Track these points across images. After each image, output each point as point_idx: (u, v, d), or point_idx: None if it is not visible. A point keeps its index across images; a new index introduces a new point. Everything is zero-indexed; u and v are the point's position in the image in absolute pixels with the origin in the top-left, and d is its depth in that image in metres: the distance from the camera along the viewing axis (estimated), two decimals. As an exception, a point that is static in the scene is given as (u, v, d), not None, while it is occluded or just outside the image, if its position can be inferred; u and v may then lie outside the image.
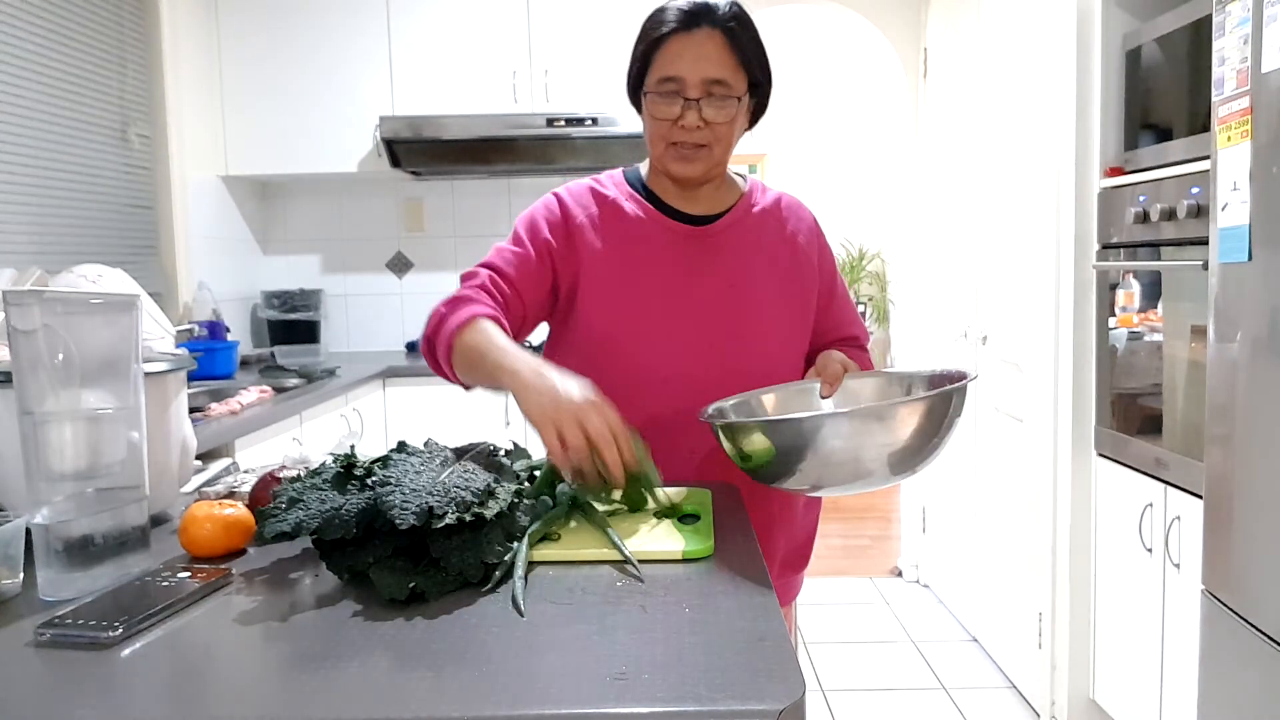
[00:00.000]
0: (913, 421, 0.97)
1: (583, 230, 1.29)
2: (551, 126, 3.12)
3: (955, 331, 3.10)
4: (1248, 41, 1.46)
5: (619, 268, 1.27)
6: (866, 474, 0.98)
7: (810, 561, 1.45)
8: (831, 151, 5.91)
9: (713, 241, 1.31)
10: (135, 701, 0.61)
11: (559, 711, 0.58)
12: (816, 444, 0.96)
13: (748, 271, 1.30)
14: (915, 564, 3.60)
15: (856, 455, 0.97)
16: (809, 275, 1.35)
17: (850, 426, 0.97)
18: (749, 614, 0.74)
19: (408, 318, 3.68)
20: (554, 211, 1.31)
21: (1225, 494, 1.56)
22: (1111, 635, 2.19)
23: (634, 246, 1.29)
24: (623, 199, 1.32)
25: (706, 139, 1.23)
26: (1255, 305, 1.47)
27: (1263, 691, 1.46)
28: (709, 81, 1.20)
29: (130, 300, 0.87)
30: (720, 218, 1.32)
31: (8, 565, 0.81)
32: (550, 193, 1.34)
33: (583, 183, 1.35)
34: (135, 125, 2.82)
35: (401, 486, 0.81)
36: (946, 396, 1.00)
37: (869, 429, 0.97)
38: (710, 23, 1.20)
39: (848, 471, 0.98)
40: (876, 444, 0.97)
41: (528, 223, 1.31)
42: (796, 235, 1.36)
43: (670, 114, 1.22)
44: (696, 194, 1.33)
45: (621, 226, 1.30)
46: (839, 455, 0.96)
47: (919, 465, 1.01)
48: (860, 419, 0.99)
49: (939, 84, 3.29)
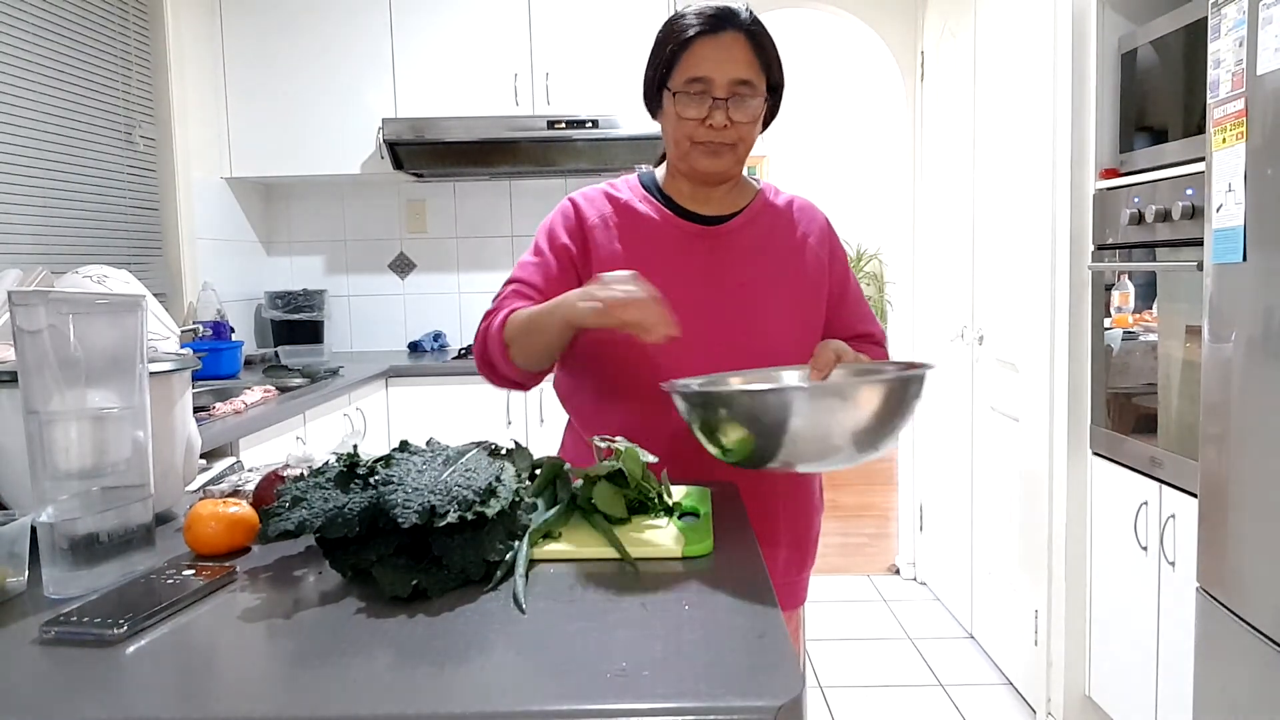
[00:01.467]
0: (873, 400, 0.97)
1: (595, 230, 1.32)
2: (552, 129, 3.13)
3: (952, 331, 3.11)
4: (1243, 44, 1.47)
5: (630, 267, 1.29)
6: (831, 452, 0.98)
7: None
8: (830, 153, 5.91)
9: (725, 241, 1.33)
10: (141, 698, 0.62)
11: (560, 708, 0.59)
12: (767, 416, 0.97)
13: (759, 272, 1.32)
14: (912, 562, 3.61)
15: (810, 431, 0.96)
16: (820, 276, 1.37)
17: (799, 401, 0.97)
18: (748, 611, 0.75)
19: (410, 318, 3.68)
20: (569, 216, 1.35)
21: (1219, 492, 1.57)
22: (1107, 633, 2.20)
23: (646, 246, 1.31)
24: (636, 200, 1.35)
25: (731, 138, 1.27)
26: (1249, 306, 1.48)
27: (1257, 687, 1.47)
28: (735, 82, 1.24)
29: (135, 301, 0.87)
30: (733, 218, 1.35)
31: (13, 563, 0.82)
32: (566, 198, 1.38)
33: (597, 186, 1.39)
34: (140, 127, 2.83)
35: (404, 485, 0.82)
36: (904, 379, 1.00)
37: (825, 405, 0.97)
38: (735, 26, 1.25)
39: (810, 449, 0.98)
40: (836, 420, 0.97)
41: (546, 232, 1.36)
42: (808, 237, 1.38)
43: (698, 113, 1.25)
44: (710, 195, 1.35)
45: (634, 226, 1.32)
46: (796, 430, 0.96)
47: (881, 443, 1.01)
48: (816, 394, 1.00)
49: (936, 86, 3.30)
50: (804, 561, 1.42)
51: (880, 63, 3.74)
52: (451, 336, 3.65)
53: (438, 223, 3.67)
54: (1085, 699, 2.33)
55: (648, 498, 1.03)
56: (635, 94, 1.39)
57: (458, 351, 3.38)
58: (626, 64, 3.15)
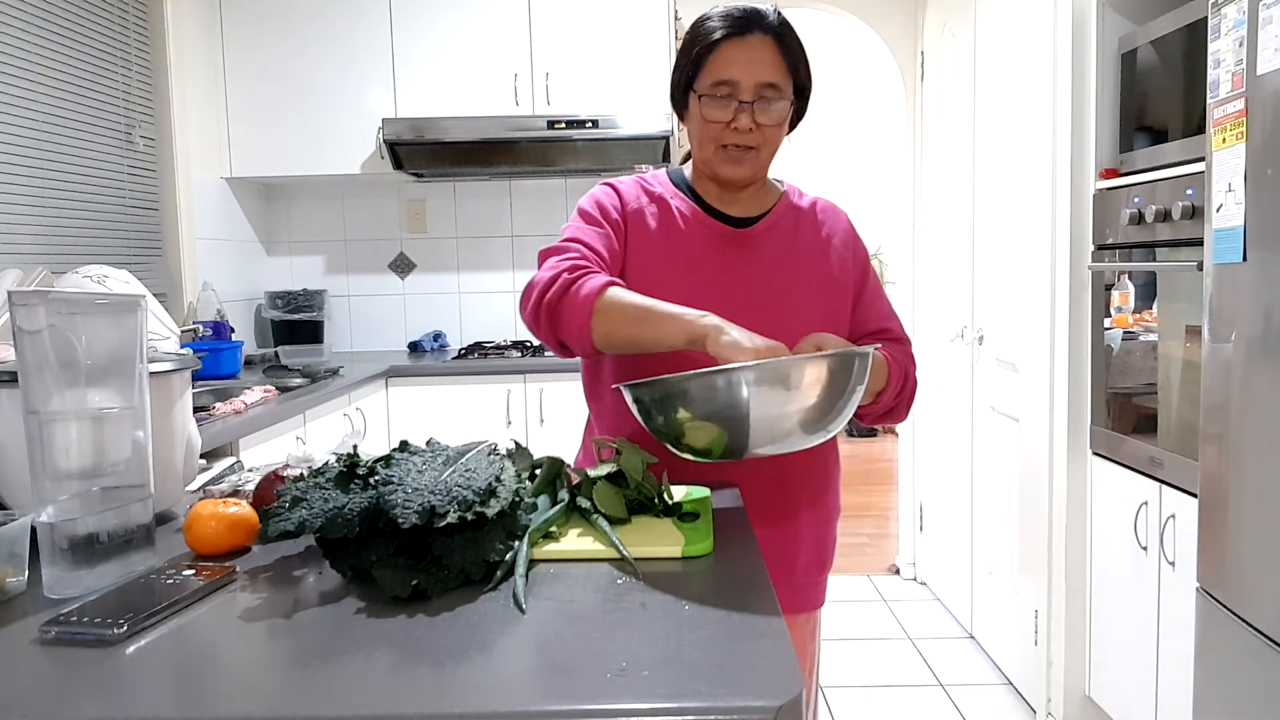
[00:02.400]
0: (811, 378, 0.96)
1: (636, 217, 1.32)
2: (552, 129, 3.13)
3: (952, 331, 3.11)
4: (1243, 44, 1.47)
5: (662, 261, 1.30)
6: (780, 434, 0.97)
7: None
8: (830, 154, 5.92)
9: (751, 243, 1.33)
10: (140, 698, 0.62)
11: (559, 707, 0.59)
12: (712, 397, 0.96)
13: (783, 273, 1.32)
14: (912, 562, 3.61)
15: (756, 411, 0.95)
16: (844, 278, 1.37)
17: (743, 379, 0.95)
18: (748, 611, 0.75)
19: (410, 318, 3.68)
20: (613, 196, 1.33)
21: (1220, 492, 1.57)
22: (1107, 633, 2.20)
23: (678, 242, 1.31)
24: (669, 195, 1.35)
25: (756, 141, 1.26)
26: (1250, 305, 1.48)
27: (1257, 687, 1.47)
28: (762, 85, 1.23)
29: (135, 301, 0.87)
30: (759, 220, 1.35)
31: (13, 563, 0.82)
32: (601, 183, 1.37)
33: (630, 177, 1.38)
34: (139, 127, 2.83)
35: (404, 486, 0.82)
36: (844, 359, 0.99)
37: (767, 385, 0.96)
38: (762, 29, 1.24)
39: (759, 432, 0.96)
40: (769, 401, 0.96)
41: (595, 204, 1.32)
42: (832, 238, 1.38)
43: (724, 116, 1.25)
44: (737, 196, 1.35)
45: (668, 220, 1.32)
46: (733, 408, 0.95)
47: (830, 424, 1.00)
48: (754, 371, 0.97)
49: (936, 86, 3.30)
50: (823, 564, 1.43)
51: (880, 63, 3.74)
52: (451, 336, 3.65)
53: (438, 223, 3.67)
54: (1085, 699, 2.33)
55: (647, 498, 1.03)
56: (635, 94, 1.39)
57: (458, 351, 3.38)
58: (626, 64, 3.15)
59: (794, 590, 1.37)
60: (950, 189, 3.15)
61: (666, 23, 3.16)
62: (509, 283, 3.67)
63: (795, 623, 1.38)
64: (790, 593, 1.36)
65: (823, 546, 1.42)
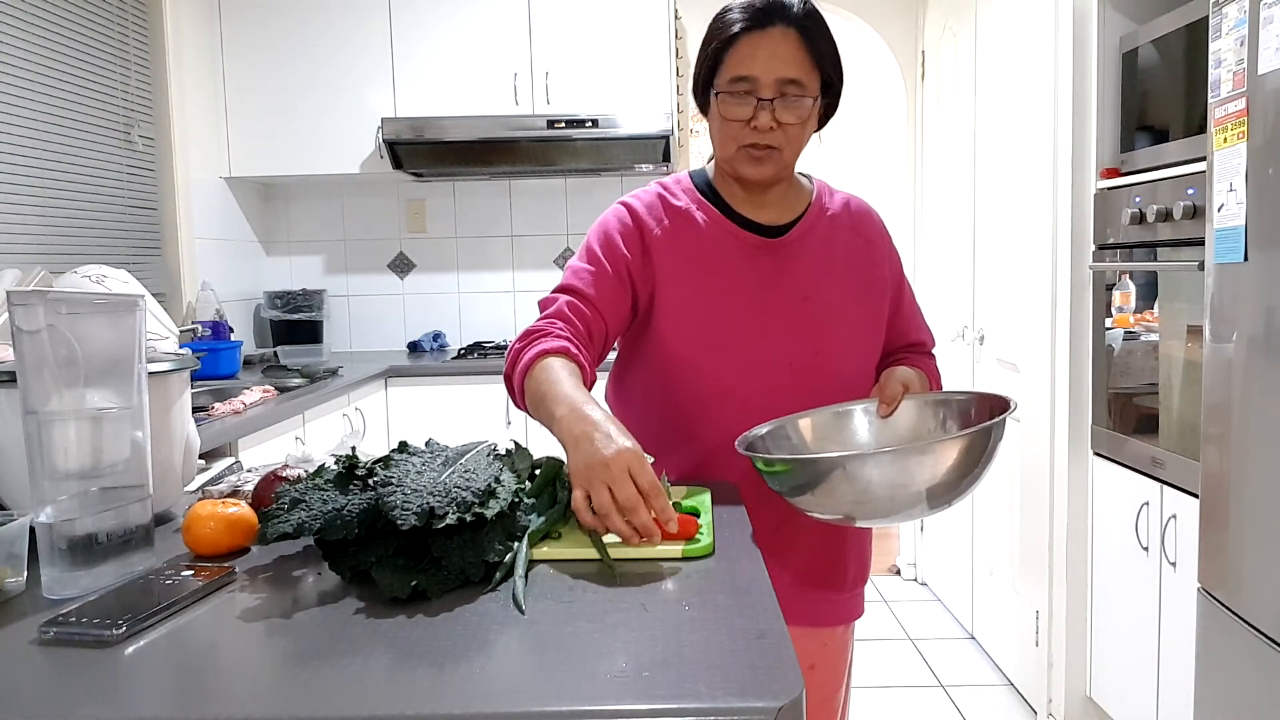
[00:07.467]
0: (945, 459, 0.95)
1: (658, 244, 1.25)
2: (552, 128, 3.13)
3: (953, 331, 3.11)
4: (1244, 43, 1.47)
5: (693, 284, 1.24)
6: (901, 509, 0.98)
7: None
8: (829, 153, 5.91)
9: (786, 253, 1.26)
10: (139, 699, 0.62)
11: (559, 709, 0.59)
12: (836, 481, 0.96)
13: (821, 283, 1.26)
14: (913, 562, 3.61)
15: (883, 492, 0.96)
16: (881, 284, 1.32)
17: (867, 467, 0.96)
18: (748, 612, 0.75)
19: (410, 318, 3.68)
20: (627, 224, 1.26)
21: (1221, 493, 1.57)
22: (1108, 633, 2.20)
23: (708, 261, 1.25)
24: (693, 208, 1.27)
25: (778, 141, 1.20)
26: (1251, 305, 1.47)
27: (1258, 688, 1.47)
28: (783, 81, 1.17)
29: (134, 301, 0.87)
30: (792, 226, 1.28)
31: (12, 564, 0.81)
32: (618, 202, 1.30)
33: (650, 190, 1.30)
34: (138, 127, 2.83)
35: (403, 487, 0.82)
36: (985, 432, 0.97)
37: (888, 468, 0.96)
38: (784, 20, 1.16)
39: (880, 507, 0.97)
40: (898, 483, 0.95)
41: (602, 238, 1.26)
42: (869, 244, 1.33)
43: (743, 115, 1.19)
44: (765, 198, 1.29)
45: (695, 239, 1.25)
46: (864, 492, 0.95)
47: (955, 498, 1.00)
48: (876, 460, 0.97)
49: (937, 86, 3.30)
50: (865, 574, 1.41)
51: (880, 62, 3.73)
52: (451, 336, 3.65)
53: (437, 222, 3.67)
54: (1086, 699, 2.33)
55: None
56: (635, 93, 1.37)
57: (457, 351, 3.38)
58: (626, 64, 3.14)
59: (844, 601, 1.36)
60: (951, 189, 3.15)
61: (666, 22, 3.15)
62: (508, 283, 3.67)
63: (840, 632, 1.37)
64: (841, 604, 1.35)
65: (864, 557, 1.41)
